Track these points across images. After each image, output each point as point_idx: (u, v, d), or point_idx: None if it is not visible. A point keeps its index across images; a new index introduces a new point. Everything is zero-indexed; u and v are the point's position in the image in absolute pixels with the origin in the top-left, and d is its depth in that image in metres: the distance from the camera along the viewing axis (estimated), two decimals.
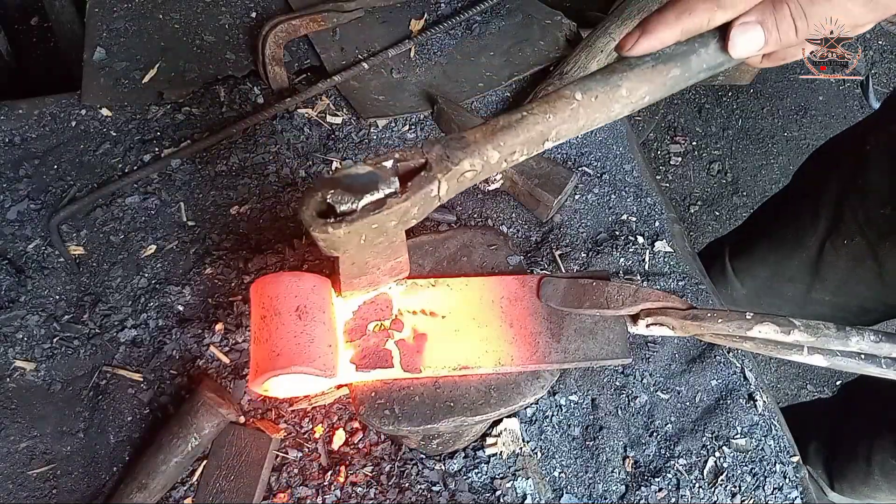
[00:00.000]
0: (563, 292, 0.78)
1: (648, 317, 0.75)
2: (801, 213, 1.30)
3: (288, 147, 1.10)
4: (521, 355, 0.75)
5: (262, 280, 0.69)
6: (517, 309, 0.78)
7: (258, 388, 0.68)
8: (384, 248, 0.66)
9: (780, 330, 0.69)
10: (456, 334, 0.75)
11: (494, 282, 0.80)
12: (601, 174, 1.14)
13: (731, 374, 1.01)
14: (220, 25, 1.18)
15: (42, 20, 1.53)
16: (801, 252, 1.29)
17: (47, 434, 0.88)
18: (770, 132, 2.61)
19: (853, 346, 0.68)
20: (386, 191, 0.59)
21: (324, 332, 0.68)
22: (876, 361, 0.70)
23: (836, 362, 0.70)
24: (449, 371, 0.73)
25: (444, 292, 0.78)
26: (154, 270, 0.98)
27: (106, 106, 1.10)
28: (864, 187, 1.15)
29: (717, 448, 0.95)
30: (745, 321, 0.70)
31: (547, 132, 0.63)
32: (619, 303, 0.75)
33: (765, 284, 1.43)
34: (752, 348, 0.72)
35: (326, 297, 0.70)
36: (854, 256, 1.20)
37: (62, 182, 1.04)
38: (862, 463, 1.39)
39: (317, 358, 0.66)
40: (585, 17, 1.97)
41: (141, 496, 0.82)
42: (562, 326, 0.77)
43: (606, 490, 0.92)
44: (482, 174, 0.64)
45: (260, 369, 0.65)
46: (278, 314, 0.67)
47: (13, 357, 0.91)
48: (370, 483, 0.86)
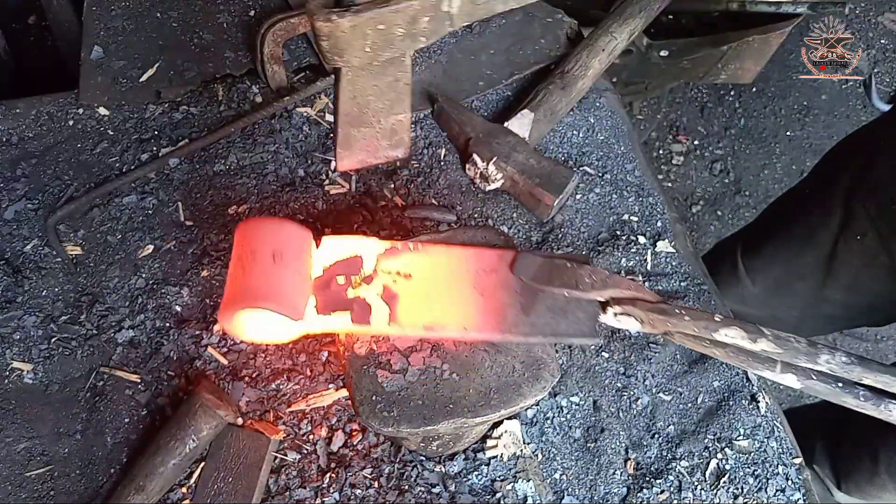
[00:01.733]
0: (536, 269, 0.78)
1: (617, 305, 0.75)
2: (813, 209, 1.29)
3: (287, 146, 1.09)
4: (487, 324, 0.75)
5: (246, 222, 0.72)
6: (491, 280, 0.78)
7: (228, 324, 0.69)
8: (386, 86, 0.63)
9: (746, 336, 0.67)
10: (427, 297, 0.76)
11: (472, 252, 0.81)
12: (602, 174, 1.14)
13: (734, 376, 1.00)
14: (218, 24, 1.17)
15: (40, 19, 1.53)
16: (813, 249, 1.29)
17: (45, 435, 0.88)
18: (772, 131, 2.60)
19: (822, 364, 0.65)
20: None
21: (295, 278, 0.70)
22: (854, 392, 0.67)
23: (810, 385, 0.67)
24: (415, 330, 0.74)
25: (421, 257, 0.79)
26: (152, 271, 0.98)
27: (103, 105, 1.10)
28: (874, 182, 1.15)
29: (719, 450, 0.95)
30: (713, 322, 0.69)
31: None
32: (588, 286, 0.75)
33: (777, 282, 1.42)
34: (722, 356, 0.70)
35: (305, 248, 0.72)
36: (867, 252, 1.19)
37: (59, 181, 1.03)
38: (868, 462, 1.38)
39: (285, 299, 0.67)
40: (587, 16, 1.96)
41: (139, 498, 0.81)
42: (534, 302, 0.77)
43: (608, 492, 0.91)
44: None
45: (228, 304, 0.67)
46: (254, 254, 0.68)
47: (10, 358, 0.91)
48: (369, 485, 0.86)
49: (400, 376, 0.75)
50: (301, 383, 0.91)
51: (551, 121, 1.13)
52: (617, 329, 0.78)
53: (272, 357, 0.92)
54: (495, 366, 0.77)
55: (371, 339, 0.77)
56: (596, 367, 0.98)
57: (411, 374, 0.75)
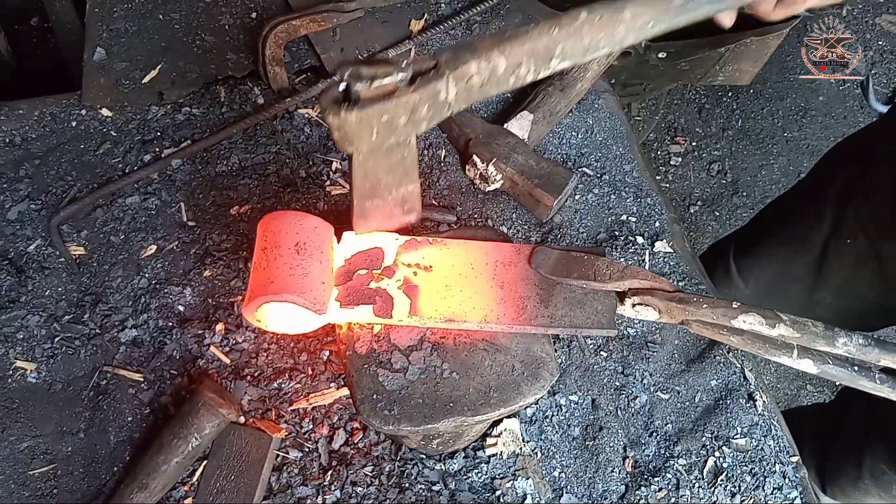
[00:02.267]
0: (553, 261, 0.79)
1: (635, 296, 0.76)
2: (805, 212, 1.30)
3: (288, 147, 1.10)
4: (507, 315, 0.77)
5: (269, 215, 0.73)
6: (509, 273, 0.80)
7: (250, 314, 0.71)
8: (395, 163, 0.68)
9: (765, 322, 0.68)
10: (447, 290, 0.78)
11: (490, 246, 0.82)
12: (601, 174, 1.15)
13: (731, 374, 1.01)
14: (220, 26, 1.18)
15: (42, 20, 1.53)
16: (805, 251, 1.29)
17: (48, 434, 0.88)
18: (770, 132, 2.61)
19: (840, 347, 0.66)
20: (396, 78, 0.61)
21: (319, 270, 0.71)
22: (869, 375, 0.68)
23: (826, 370, 0.68)
24: (435, 322, 0.75)
25: (440, 250, 0.81)
26: (154, 271, 0.99)
27: (106, 106, 1.10)
28: (868, 187, 1.16)
29: (716, 448, 0.95)
30: (731, 309, 0.69)
31: (552, 47, 0.65)
32: (606, 276, 0.76)
33: (769, 284, 1.43)
34: (739, 344, 0.71)
35: (327, 240, 0.74)
36: (857, 257, 1.20)
37: (62, 182, 1.04)
38: (853, 468, 1.39)
39: (308, 291, 0.69)
40: None
41: (141, 496, 0.82)
42: (552, 294, 0.79)
43: (606, 490, 0.92)
44: (490, 84, 0.65)
45: (253, 294, 0.69)
46: (278, 247, 0.70)
47: (14, 357, 0.92)
48: (370, 483, 0.87)
49: (400, 375, 0.76)
50: (303, 382, 0.91)
51: (550, 122, 1.14)
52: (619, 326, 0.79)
53: (274, 356, 0.92)
54: (495, 365, 0.77)
55: (372, 338, 0.78)
56: (594, 366, 0.99)
57: (412, 373, 0.76)
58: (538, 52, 0.65)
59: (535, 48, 0.64)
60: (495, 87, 0.66)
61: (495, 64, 0.64)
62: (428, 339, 0.78)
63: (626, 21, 0.66)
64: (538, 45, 0.64)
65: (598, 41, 0.66)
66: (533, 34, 0.64)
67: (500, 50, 0.64)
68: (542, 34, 0.64)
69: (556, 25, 0.64)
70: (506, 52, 0.64)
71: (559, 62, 0.66)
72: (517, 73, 0.66)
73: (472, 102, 0.67)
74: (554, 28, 0.64)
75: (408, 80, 0.62)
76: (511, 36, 0.64)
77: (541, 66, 0.66)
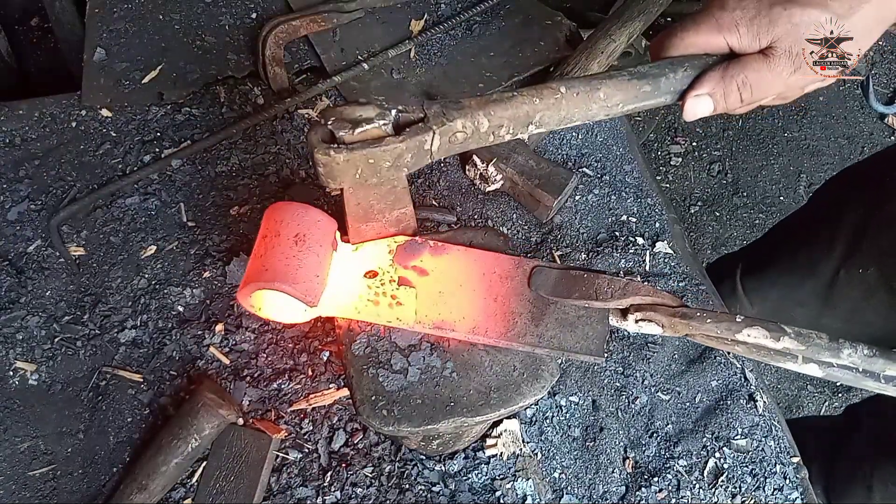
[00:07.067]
0: (553, 282, 0.78)
1: (638, 312, 0.75)
2: (817, 237, 1.28)
3: (288, 147, 1.10)
4: (495, 330, 0.76)
5: (275, 205, 0.74)
6: (504, 286, 0.79)
7: (244, 300, 0.72)
8: (385, 192, 0.72)
9: (769, 335, 0.68)
10: (440, 296, 0.77)
11: (489, 256, 0.82)
12: (601, 175, 1.14)
13: (732, 375, 1.01)
14: (220, 26, 1.18)
15: (42, 21, 1.53)
16: (813, 277, 1.27)
17: (48, 435, 0.88)
18: (770, 132, 2.61)
19: (845, 359, 0.66)
20: (383, 126, 0.65)
21: (315, 263, 0.71)
22: (874, 376, 0.68)
23: (832, 373, 0.68)
24: (423, 327, 0.75)
25: (440, 256, 0.81)
26: (154, 271, 0.99)
27: (106, 106, 1.10)
28: (888, 217, 1.13)
29: (717, 449, 0.95)
30: (735, 324, 0.69)
31: (532, 114, 0.71)
32: (608, 295, 0.75)
33: (775, 307, 1.41)
34: (744, 353, 0.71)
35: (328, 234, 0.74)
36: (867, 286, 1.17)
37: (62, 183, 1.04)
38: (861, 488, 1.37)
39: (301, 282, 0.69)
40: (586, 18, 1.97)
41: (141, 497, 0.82)
42: (544, 313, 0.78)
43: (606, 491, 0.92)
44: (472, 140, 0.70)
45: (247, 280, 0.70)
46: (277, 235, 0.71)
47: (13, 358, 0.92)
48: (370, 483, 0.86)
49: (400, 376, 0.75)
50: (302, 383, 0.91)
51: None
52: (616, 328, 0.79)
53: (274, 357, 0.92)
54: (495, 365, 0.77)
55: (372, 339, 0.78)
56: (595, 366, 0.99)
57: (411, 374, 0.76)
58: (518, 117, 0.70)
59: (516, 114, 0.70)
60: (475, 142, 0.71)
61: (479, 123, 0.69)
62: (428, 339, 0.78)
63: (599, 100, 0.73)
64: (519, 111, 0.70)
65: (572, 114, 0.73)
66: (516, 101, 0.69)
67: (485, 112, 0.69)
68: (524, 102, 0.70)
69: (537, 96, 0.70)
70: (490, 114, 0.69)
71: (535, 128, 0.72)
72: (497, 133, 0.71)
73: (451, 154, 0.71)
74: (535, 98, 0.70)
75: (392, 126, 0.66)
76: (496, 100, 0.69)
77: (518, 130, 0.72)
